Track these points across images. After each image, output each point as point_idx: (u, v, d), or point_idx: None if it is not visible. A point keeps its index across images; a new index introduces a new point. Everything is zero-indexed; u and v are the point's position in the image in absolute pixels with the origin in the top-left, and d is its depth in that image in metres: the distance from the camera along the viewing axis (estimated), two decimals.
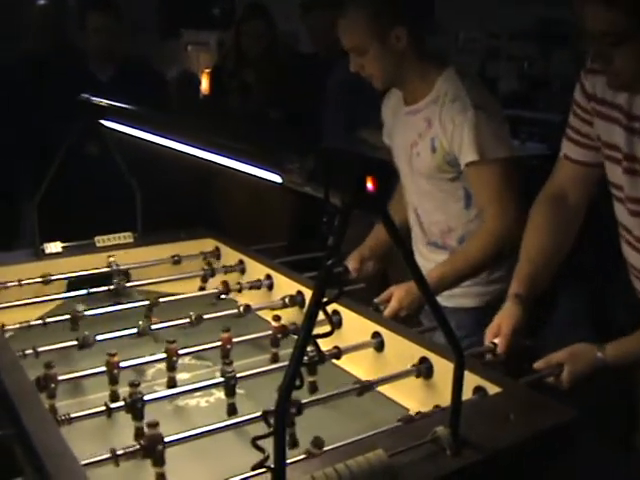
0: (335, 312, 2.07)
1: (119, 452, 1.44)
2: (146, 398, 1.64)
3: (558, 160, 2.15)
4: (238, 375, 1.77)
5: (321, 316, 1.19)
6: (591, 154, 2.05)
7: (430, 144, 2.38)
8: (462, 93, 2.33)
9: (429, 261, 2.50)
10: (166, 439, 1.48)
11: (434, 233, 2.55)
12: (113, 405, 1.62)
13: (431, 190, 2.47)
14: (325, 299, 1.19)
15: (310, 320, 1.17)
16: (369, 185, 1.18)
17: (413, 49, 2.36)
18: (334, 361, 1.95)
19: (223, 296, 2.46)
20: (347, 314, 2.09)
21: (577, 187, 2.12)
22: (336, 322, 2.07)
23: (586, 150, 2.06)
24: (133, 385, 1.63)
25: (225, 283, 2.47)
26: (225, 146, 1.58)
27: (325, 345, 1.80)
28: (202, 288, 2.59)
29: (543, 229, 2.12)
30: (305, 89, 4.16)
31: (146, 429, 1.49)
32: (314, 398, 1.67)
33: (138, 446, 1.45)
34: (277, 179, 1.41)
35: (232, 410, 1.74)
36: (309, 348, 1.21)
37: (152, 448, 1.46)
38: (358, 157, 1.29)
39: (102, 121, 2.35)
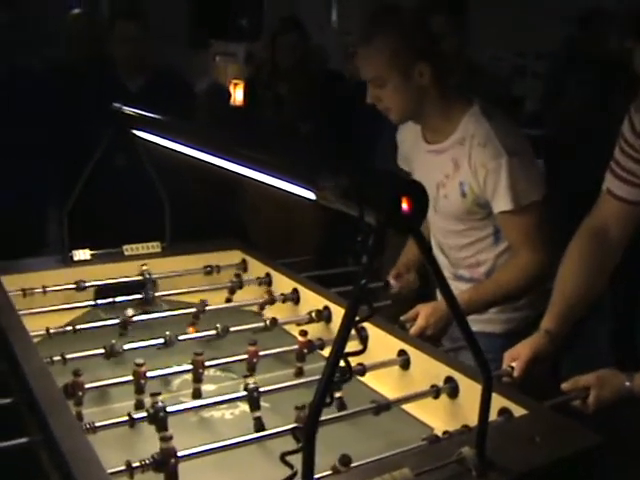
0: (361, 328, 2.07)
1: (134, 464, 1.45)
2: (171, 409, 1.64)
3: (601, 194, 2.10)
4: (263, 389, 1.78)
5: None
6: (636, 192, 2.01)
7: (459, 188, 2.34)
8: (492, 137, 2.25)
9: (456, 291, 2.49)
10: (181, 453, 1.49)
11: (461, 266, 2.53)
12: (136, 415, 1.63)
13: (459, 229, 2.45)
14: (357, 318, 1.20)
15: (342, 338, 1.17)
16: (404, 205, 1.19)
17: (436, 86, 2.28)
18: (360, 378, 1.95)
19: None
20: (373, 331, 2.09)
21: (619, 224, 2.07)
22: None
23: (630, 187, 2.02)
24: (154, 395, 1.64)
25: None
26: (258, 160, 1.59)
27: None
28: (229, 300, 2.60)
29: (581, 266, 2.07)
30: (335, 103, 4.19)
31: (160, 443, 1.49)
32: (332, 416, 1.66)
33: (151, 459, 1.46)
34: (310, 195, 1.42)
35: (259, 425, 1.73)
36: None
37: (164, 462, 1.46)
38: (393, 177, 1.29)
39: (133, 131, 2.37)
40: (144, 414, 1.62)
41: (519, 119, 6.53)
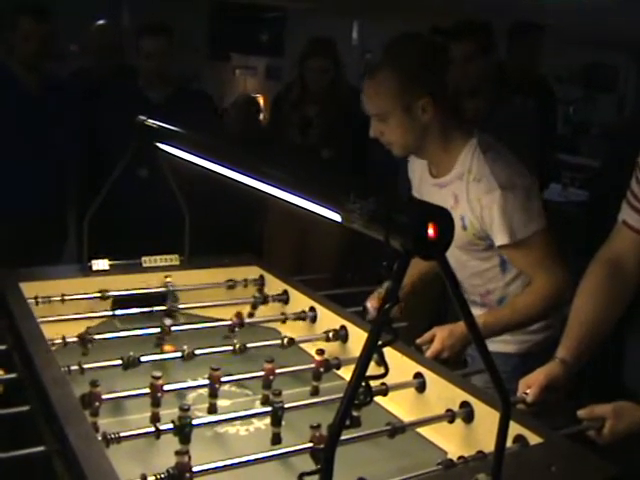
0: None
1: (150, 478, 1.46)
2: (196, 422, 1.66)
3: (616, 225, 2.09)
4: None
5: None
6: None
7: (460, 222, 2.34)
8: (486, 171, 2.27)
9: None
10: (196, 468, 1.50)
11: (473, 293, 2.54)
12: (163, 427, 1.63)
13: (465, 259, 2.45)
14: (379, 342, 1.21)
15: (365, 361, 1.18)
16: (430, 232, 1.20)
17: (437, 121, 2.29)
18: (375, 399, 1.94)
19: (237, 329, 2.42)
20: (389, 353, 2.08)
21: (635, 256, 2.05)
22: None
23: None
24: (183, 409, 1.64)
25: (239, 315, 2.46)
26: (286, 180, 1.60)
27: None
28: (251, 315, 2.61)
29: (596, 296, 2.06)
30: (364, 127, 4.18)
31: (175, 457, 1.50)
32: (348, 437, 1.64)
33: (166, 474, 1.47)
34: (336, 217, 1.43)
35: (277, 440, 1.75)
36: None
37: (179, 477, 1.47)
38: (420, 203, 1.30)
39: (156, 143, 2.39)
40: (170, 426, 1.63)
41: None
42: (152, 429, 1.63)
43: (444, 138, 2.34)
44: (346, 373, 2.11)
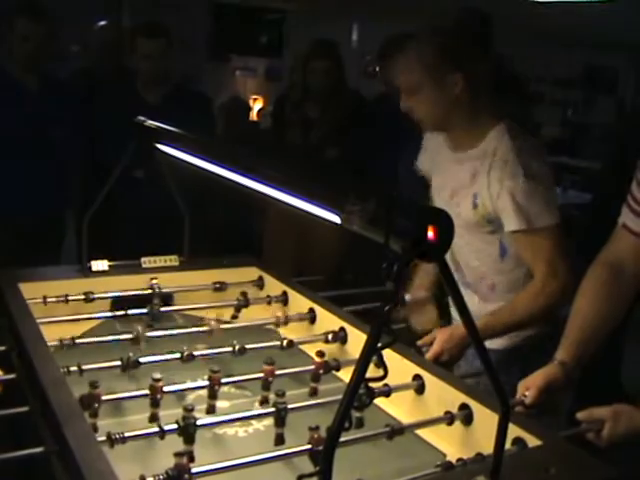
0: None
1: (148, 479, 1.45)
2: (200, 422, 1.66)
3: (616, 227, 2.09)
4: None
5: None
6: None
7: (472, 199, 2.35)
8: (513, 156, 2.27)
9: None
10: (195, 469, 1.49)
11: (468, 275, 2.53)
12: (167, 427, 1.63)
13: (468, 239, 2.44)
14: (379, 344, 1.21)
15: (364, 364, 1.18)
16: (430, 234, 1.20)
17: (467, 97, 2.30)
18: (375, 401, 1.94)
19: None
20: (389, 354, 2.08)
21: (635, 259, 2.05)
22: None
23: None
24: (187, 410, 1.65)
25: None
26: (285, 181, 1.60)
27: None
28: (235, 317, 2.60)
29: (596, 298, 2.06)
30: (368, 128, 4.17)
31: (174, 458, 1.49)
32: (346, 439, 1.60)
33: (165, 475, 1.46)
34: (335, 219, 1.42)
35: (280, 440, 1.75)
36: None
37: (178, 478, 1.46)
38: (420, 205, 1.30)
39: (156, 144, 2.38)
40: (174, 426, 1.63)
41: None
42: (157, 429, 1.63)
43: (472, 114, 2.36)
44: (345, 375, 2.11)
